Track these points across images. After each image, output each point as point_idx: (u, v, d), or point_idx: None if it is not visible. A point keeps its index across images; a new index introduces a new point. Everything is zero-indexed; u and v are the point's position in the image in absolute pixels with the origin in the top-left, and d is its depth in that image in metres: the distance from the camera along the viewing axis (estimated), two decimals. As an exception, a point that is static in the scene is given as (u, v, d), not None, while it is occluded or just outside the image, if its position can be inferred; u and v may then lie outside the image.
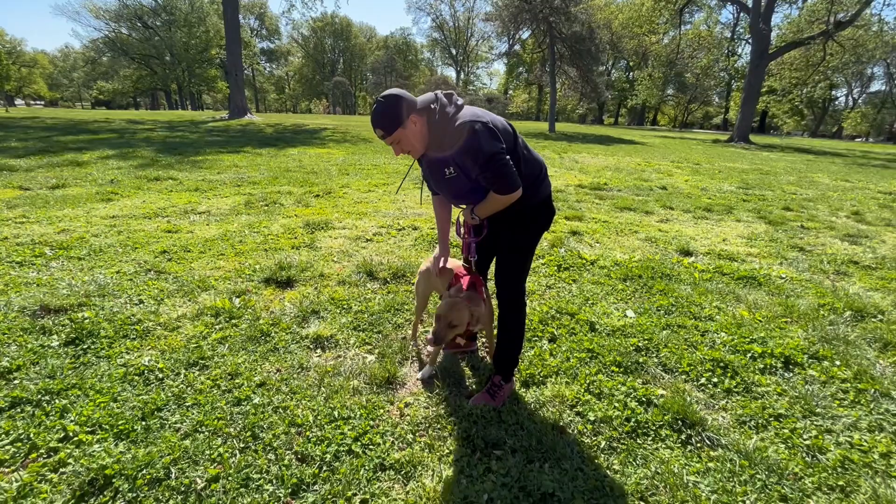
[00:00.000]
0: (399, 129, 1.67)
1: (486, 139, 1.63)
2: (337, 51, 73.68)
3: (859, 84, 49.38)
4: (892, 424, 1.92)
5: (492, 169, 1.65)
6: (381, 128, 1.68)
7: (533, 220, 1.90)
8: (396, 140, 1.70)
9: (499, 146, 1.65)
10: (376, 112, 1.67)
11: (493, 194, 1.72)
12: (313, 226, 4.52)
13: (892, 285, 3.59)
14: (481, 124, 1.64)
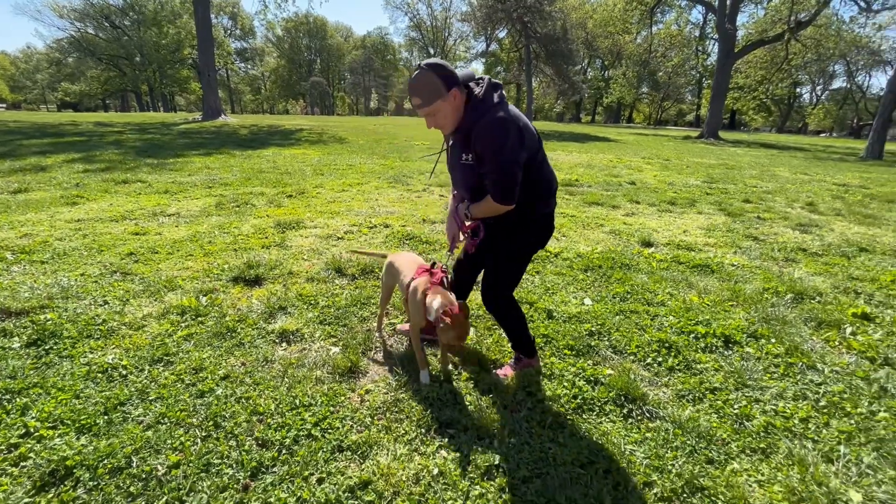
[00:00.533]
0: (439, 101, 1.62)
1: (513, 143, 1.61)
2: (313, 50, 72.87)
3: (822, 81, 51.49)
4: (815, 392, 2.09)
5: (501, 173, 1.64)
6: (419, 97, 1.63)
7: (532, 232, 1.89)
8: (433, 112, 1.65)
9: (520, 155, 1.65)
10: (417, 80, 1.61)
11: (488, 199, 1.72)
12: (284, 225, 4.56)
13: (834, 270, 3.84)
14: (516, 127, 1.63)
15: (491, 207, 1.73)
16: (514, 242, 1.90)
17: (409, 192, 6.53)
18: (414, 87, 1.64)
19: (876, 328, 2.76)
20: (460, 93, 1.65)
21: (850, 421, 1.91)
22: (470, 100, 1.67)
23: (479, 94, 1.66)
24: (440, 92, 1.60)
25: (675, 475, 1.60)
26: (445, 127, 1.73)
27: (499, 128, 1.60)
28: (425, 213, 5.31)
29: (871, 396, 2.08)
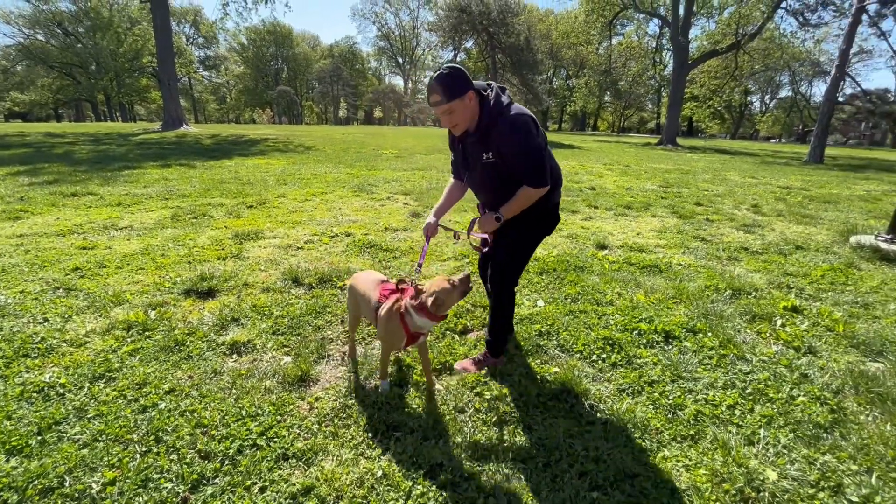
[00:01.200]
0: (457, 100, 1.77)
1: (534, 133, 1.82)
2: (280, 59, 71.96)
3: (770, 90, 54.71)
4: (742, 381, 2.24)
5: (533, 160, 1.83)
6: (440, 94, 1.76)
7: (540, 221, 2.06)
8: (451, 110, 1.80)
9: (540, 141, 1.85)
10: (440, 78, 1.75)
11: (522, 191, 1.87)
12: (243, 236, 4.49)
13: (772, 267, 4.09)
14: (532, 119, 1.84)
15: (526, 196, 1.88)
16: (524, 232, 2.05)
17: (373, 201, 6.55)
18: (434, 86, 1.77)
19: (803, 319, 2.97)
20: (475, 97, 1.82)
21: (772, 406, 2.06)
22: (483, 104, 1.84)
23: (491, 98, 1.83)
24: (458, 92, 1.76)
25: (610, 464, 1.69)
26: (460, 126, 1.88)
27: (520, 123, 1.79)
28: (388, 221, 5.33)
29: (792, 382, 2.24)
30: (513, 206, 1.92)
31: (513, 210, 1.93)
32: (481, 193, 2.11)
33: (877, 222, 6.01)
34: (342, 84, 66.96)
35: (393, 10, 71.83)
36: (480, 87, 1.85)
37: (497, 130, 1.81)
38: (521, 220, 1.99)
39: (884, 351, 2.58)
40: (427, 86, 1.83)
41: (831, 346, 2.63)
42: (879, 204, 7.70)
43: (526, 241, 2.09)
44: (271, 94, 65.05)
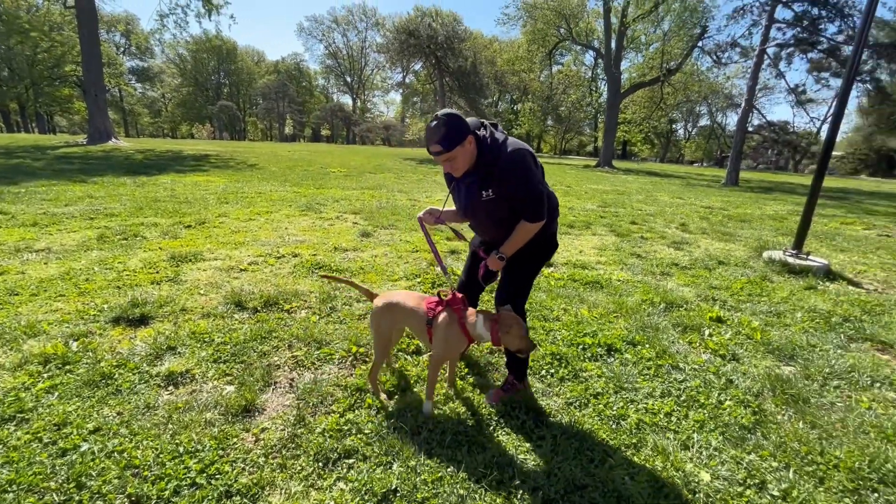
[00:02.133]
0: (458, 148, 1.78)
1: (533, 168, 1.84)
2: (222, 73, 69.47)
3: (691, 119, 60.25)
4: (677, 389, 2.40)
5: (532, 195, 1.84)
6: (440, 145, 1.77)
7: (540, 251, 2.07)
8: (453, 157, 1.80)
9: (540, 176, 1.89)
10: (438, 129, 1.75)
11: (521, 226, 1.89)
12: (180, 258, 4.23)
13: (699, 281, 4.45)
14: (530, 154, 1.85)
15: (525, 231, 1.91)
16: (527, 261, 2.06)
17: (322, 220, 6.42)
18: (434, 136, 1.78)
19: (727, 329, 3.25)
20: (473, 139, 1.83)
21: (704, 411, 2.22)
22: (480, 143, 1.84)
23: (487, 137, 1.85)
24: (458, 140, 1.77)
25: (560, 478, 1.74)
26: (460, 170, 1.87)
27: (519, 160, 1.81)
28: (337, 241, 5.24)
29: (719, 388, 2.43)
30: (513, 243, 1.95)
31: (514, 246, 1.96)
32: (481, 230, 2.12)
33: (784, 239, 6.72)
34: (288, 101, 65.64)
35: (341, 29, 71.93)
36: (475, 126, 1.86)
37: (498, 168, 1.82)
38: (522, 252, 2.01)
39: (794, 355, 2.88)
40: (425, 135, 1.83)
41: (751, 353, 2.89)
42: (786, 222, 8.64)
43: (527, 271, 2.11)
44: (212, 108, 62.40)
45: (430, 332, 2.02)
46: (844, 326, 3.41)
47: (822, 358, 2.84)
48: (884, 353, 3.05)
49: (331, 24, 71.05)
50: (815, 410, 2.28)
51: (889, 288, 4.59)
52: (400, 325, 2.17)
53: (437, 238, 5.58)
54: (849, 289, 4.44)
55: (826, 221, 9.18)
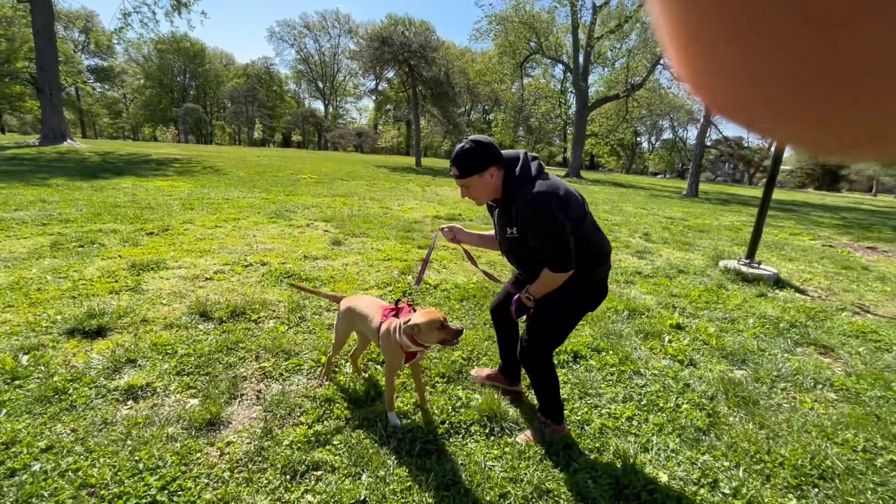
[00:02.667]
0: (474, 176, 1.71)
1: (552, 215, 1.63)
2: (188, 75, 67.46)
3: (655, 132, 62.88)
4: (638, 394, 2.51)
5: (551, 244, 1.67)
6: (457, 168, 1.71)
7: (579, 295, 1.87)
8: (467, 185, 1.74)
9: (564, 224, 1.65)
10: (459, 152, 1.71)
11: (545, 274, 1.74)
12: (141, 266, 4.08)
13: (660, 289, 4.64)
14: (556, 197, 1.65)
15: (549, 278, 1.74)
16: (557, 306, 1.86)
17: (291, 228, 6.32)
18: (454, 159, 1.73)
19: (685, 335, 3.41)
20: (498, 171, 1.73)
21: (662, 414, 2.33)
22: (507, 176, 1.74)
23: (516, 171, 1.73)
24: (475, 169, 1.70)
25: (527, 483, 1.79)
26: (478, 200, 1.80)
27: (536, 203, 1.64)
28: (307, 249, 5.18)
29: (677, 392, 2.55)
30: (538, 287, 1.80)
31: (539, 291, 1.81)
32: (513, 264, 2.03)
33: (739, 248, 7.10)
34: (257, 105, 64.31)
35: (313, 35, 71.31)
36: (510, 158, 1.76)
37: (515, 207, 1.70)
38: (560, 293, 1.82)
39: (746, 360, 3.05)
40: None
41: (707, 358, 3.05)
42: (741, 233, 9.12)
43: (563, 316, 1.89)
44: (177, 110, 60.39)
45: (378, 334, 2.08)
46: (791, 331, 3.64)
47: (770, 362, 3.02)
48: (825, 356, 3.28)
49: (302, 29, 70.37)
50: (763, 411, 2.43)
51: (831, 295, 4.93)
52: (356, 328, 2.28)
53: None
54: (796, 296, 4.74)
55: (777, 232, 9.75)
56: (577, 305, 1.90)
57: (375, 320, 2.09)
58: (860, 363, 3.15)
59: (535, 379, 2.01)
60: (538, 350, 1.94)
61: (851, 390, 2.72)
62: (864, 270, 6.29)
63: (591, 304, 1.92)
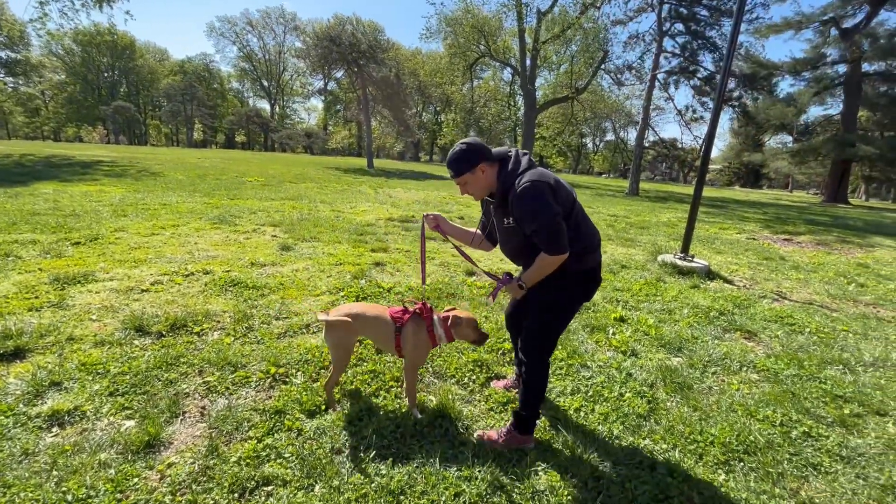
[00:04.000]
0: (467, 174, 1.85)
1: (544, 200, 1.74)
2: (117, 70, 62.68)
3: (598, 134, 65.90)
4: (586, 386, 2.63)
5: (546, 228, 1.75)
6: (452, 169, 1.87)
7: (574, 286, 1.95)
8: (463, 182, 1.89)
9: (556, 209, 1.75)
10: (451, 155, 1.87)
11: (541, 258, 1.81)
12: (66, 280, 3.75)
13: (605, 284, 4.87)
14: (547, 185, 1.77)
15: (544, 263, 1.82)
16: (555, 297, 1.94)
17: (237, 234, 6.05)
18: (449, 161, 1.88)
19: (628, 327, 3.61)
20: (489, 167, 1.87)
21: (607, 404, 2.46)
22: (501, 170, 1.87)
23: (509, 165, 1.86)
24: (467, 167, 1.84)
25: (481, 480, 1.83)
26: (475, 195, 1.94)
27: (530, 191, 1.75)
28: (254, 255, 4.98)
29: (620, 382, 2.70)
30: (532, 274, 1.87)
31: (533, 278, 1.88)
32: (510, 256, 2.08)
33: (675, 243, 7.59)
34: (197, 104, 60.87)
35: (256, 32, 68.52)
36: (501, 154, 1.90)
37: (511, 199, 1.81)
38: (551, 285, 1.90)
39: (682, 347, 3.28)
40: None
41: (647, 348, 3.25)
42: (676, 228, 9.75)
43: (557, 307, 1.97)
44: (105, 109, 55.90)
45: (398, 340, 2.14)
46: (720, 319, 3.95)
47: (702, 348, 3.27)
48: (749, 340, 3.59)
49: (245, 26, 67.46)
50: (696, 395, 2.62)
51: (754, 284, 5.39)
52: (363, 335, 2.31)
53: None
54: (724, 286, 5.15)
55: (708, 227, 10.52)
56: (571, 295, 1.99)
57: (389, 323, 2.16)
58: (778, 345, 3.48)
59: (531, 374, 2.02)
60: (539, 337, 2.00)
61: (771, 370, 3.00)
62: (782, 260, 6.94)
63: (586, 293, 2.01)
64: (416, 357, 2.19)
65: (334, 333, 2.15)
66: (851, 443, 2.27)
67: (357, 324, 2.17)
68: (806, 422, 2.41)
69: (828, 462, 2.11)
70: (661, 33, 21.11)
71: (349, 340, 2.20)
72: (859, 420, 2.48)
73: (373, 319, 2.19)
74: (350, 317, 2.15)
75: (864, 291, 5.35)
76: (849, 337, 3.77)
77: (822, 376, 2.96)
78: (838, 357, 3.27)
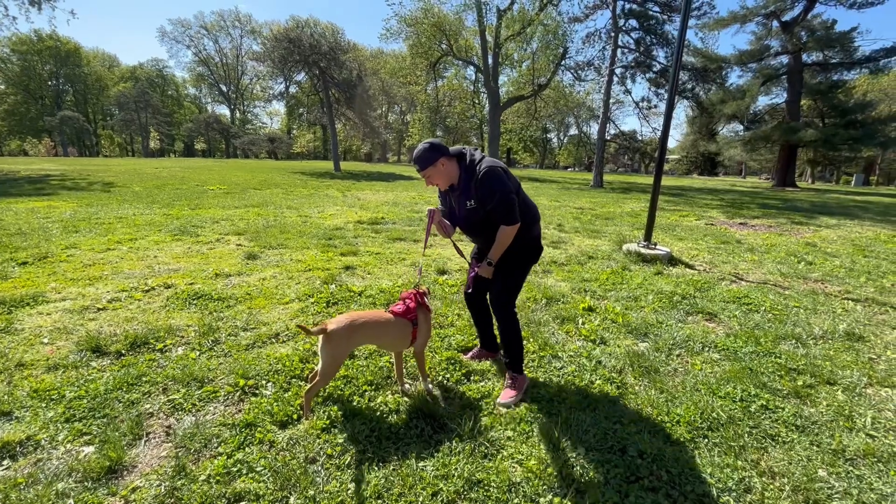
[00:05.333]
0: (430, 167, 2.27)
1: (501, 180, 2.24)
2: (61, 79, 59.31)
3: (562, 129, 67.33)
4: (557, 376, 2.69)
5: (503, 203, 2.23)
6: (418, 164, 2.27)
7: (524, 253, 2.47)
8: (428, 175, 2.30)
9: (510, 186, 2.27)
10: (416, 153, 2.26)
11: (501, 231, 2.28)
12: (12, 303, 3.53)
13: (573, 275, 4.99)
14: (500, 169, 2.26)
15: (505, 234, 2.30)
16: (512, 263, 2.44)
17: (199, 244, 5.85)
18: (414, 159, 2.27)
19: (596, 316, 3.71)
20: (448, 161, 2.29)
21: (577, 394, 2.51)
22: (461, 163, 2.32)
23: (467, 158, 2.32)
24: (430, 161, 2.25)
25: (458, 478, 1.84)
26: (440, 185, 2.36)
27: (491, 175, 2.23)
28: (219, 266, 4.83)
29: (591, 370, 2.77)
30: (497, 248, 2.34)
31: (498, 251, 2.35)
32: (471, 235, 2.54)
33: (638, 232, 7.85)
34: (152, 111, 58.32)
35: (212, 35, 66.29)
36: (455, 152, 2.33)
37: (475, 181, 2.25)
38: (508, 254, 2.40)
39: (648, 332, 3.39)
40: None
41: (615, 335, 3.34)
42: (640, 218, 10.08)
43: (515, 270, 2.47)
44: (51, 120, 52.82)
45: (414, 333, 2.34)
46: (683, 303, 4.12)
47: (667, 332, 3.39)
48: (710, 322, 3.75)
49: (199, 29, 65.15)
50: (663, 378, 2.72)
51: (714, 267, 5.64)
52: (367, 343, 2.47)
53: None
54: (686, 271, 5.36)
55: (669, 215, 10.92)
56: (524, 259, 2.49)
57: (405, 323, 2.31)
58: (736, 325, 3.65)
59: (506, 329, 2.49)
60: (504, 296, 2.48)
61: (730, 349, 3.15)
62: (738, 244, 7.29)
63: (534, 257, 2.53)
64: (426, 338, 2.44)
65: (334, 345, 2.12)
66: (805, 412, 2.41)
67: (360, 334, 2.20)
68: (763, 395, 2.54)
69: (784, 432, 2.23)
70: (616, 29, 21.73)
71: (347, 351, 2.22)
72: (811, 391, 2.64)
73: (382, 325, 2.27)
74: (352, 327, 2.15)
75: (812, 269, 5.68)
76: (800, 313, 3.99)
77: (777, 351, 3.13)
78: (791, 332, 3.47)
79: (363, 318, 2.23)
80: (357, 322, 2.18)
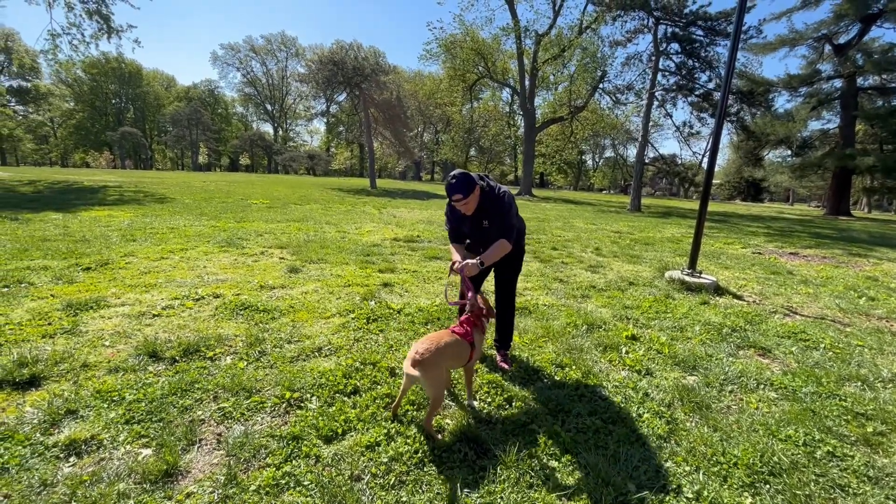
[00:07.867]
0: (472, 196, 2.62)
1: (512, 206, 2.77)
2: (124, 98, 64.10)
3: (598, 151, 66.64)
4: (603, 407, 2.60)
5: (507, 226, 2.71)
6: (461, 193, 2.58)
7: (519, 258, 3.06)
8: (468, 202, 2.63)
9: (515, 211, 2.83)
10: (458, 182, 2.57)
11: (499, 242, 2.67)
12: (78, 306, 3.77)
13: (613, 301, 4.86)
14: (510, 197, 2.77)
15: (502, 247, 2.68)
16: (512, 264, 3.04)
17: (245, 256, 6.09)
18: (456, 188, 2.57)
19: (640, 346, 3.59)
20: (478, 189, 2.67)
21: (625, 427, 2.42)
22: (482, 190, 2.71)
23: (486, 186, 2.73)
24: (471, 190, 2.60)
25: (504, 506, 1.80)
26: (471, 210, 2.71)
27: (503, 202, 2.72)
28: (263, 278, 5.01)
29: (637, 402, 2.67)
30: (492, 254, 2.66)
31: (492, 257, 2.66)
32: (480, 247, 2.85)
33: (681, 259, 7.59)
34: (202, 128, 61.94)
35: (259, 58, 70.17)
36: (476, 178, 2.67)
37: (490, 207, 2.71)
38: (506, 258, 2.85)
39: (696, 366, 3.25)
40: (448, 188, 2.61)
41: (662, 367, 3.22)
42: (682, 244, 9.76)
43: (515, 269, 3.10)
44: (112, 135, 56.95)
45: (472, 354, 2.49)
46: (733, 336, 3.92)
47: (717, 366, 3.24)
48: (764, 357, 3.55)
49: (248, 52, 69.14)
50: (715, 414, 2.59)
51: (764, 299, 5.37)
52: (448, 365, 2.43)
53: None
54: (734, 302, 5.12)
55: (712, 242, 10.52)
56: (519, 263, 3.11)
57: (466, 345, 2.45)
58: (794, 362, 3.44)
59: (508, 315, 3.15)
60: (510, 290, 3.13)
61: (789, 388, 2.97)
62: (790, 275, 6.91)
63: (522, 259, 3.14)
64: (478, 356, 2.61)
65: (433, 372, 2.19)
66: (878, 462, 2.23)
67: (445, 357, 2.31)
68: (829, 441, 2.37)
69: (855, 483, 2.07)
70: (657, 53, 21.52)
71: (447, 374, 2.44)
72: (883, 438, 2.44)
73: (453, 346, 2.38)
74: (439, 353, 2.25)
75: (875, 305, 5.31)
76: (864, 352, 3.73)
77: (842, 393, 2.92)
78: (856, 373, 3.24)
79: (442, 341, 2.33)
80: (441, 348, 2.29)
